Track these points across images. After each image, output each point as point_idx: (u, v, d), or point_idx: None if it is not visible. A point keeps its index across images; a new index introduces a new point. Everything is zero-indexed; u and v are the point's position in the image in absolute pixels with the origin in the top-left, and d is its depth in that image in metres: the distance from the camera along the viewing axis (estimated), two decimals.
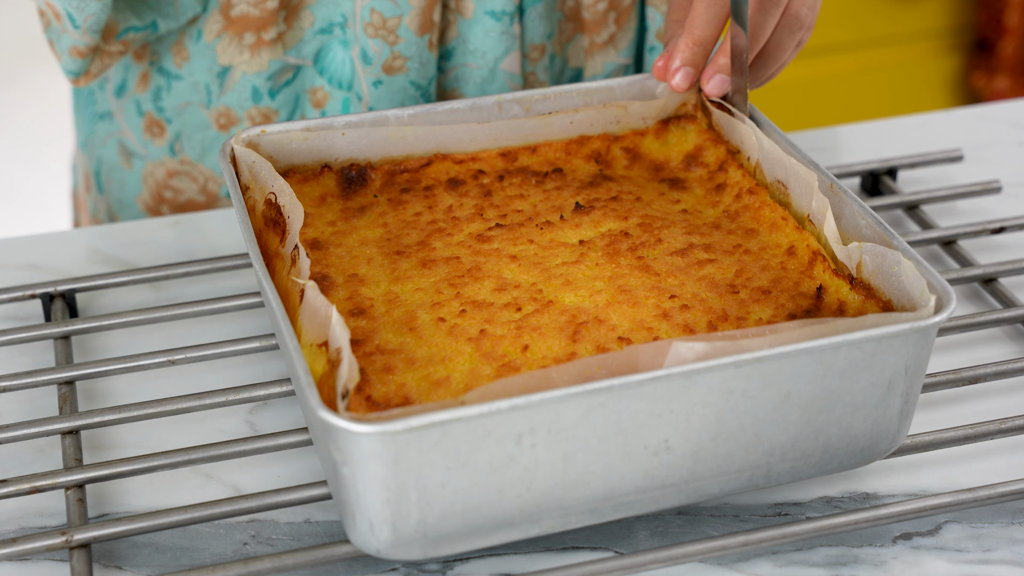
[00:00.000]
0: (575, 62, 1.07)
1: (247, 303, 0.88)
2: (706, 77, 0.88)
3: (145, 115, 1.06)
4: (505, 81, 1.02)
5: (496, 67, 1.01)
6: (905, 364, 0.70)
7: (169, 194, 1.08)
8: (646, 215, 0.83)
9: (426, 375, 0.71)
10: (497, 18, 1.00)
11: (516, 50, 1.02)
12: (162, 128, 1.06)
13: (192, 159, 1.06)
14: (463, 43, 1.01)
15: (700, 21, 0.86)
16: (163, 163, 1.07)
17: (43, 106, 3.05)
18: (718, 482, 0.71)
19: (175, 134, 1.06)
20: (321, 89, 1.03)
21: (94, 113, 1.11)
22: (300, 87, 1.03)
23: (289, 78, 1.02)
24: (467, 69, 1.02)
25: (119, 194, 1.11)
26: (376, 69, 0.99)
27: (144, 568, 0.72)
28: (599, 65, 1.06)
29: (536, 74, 1.04)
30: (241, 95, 1.03)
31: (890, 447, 0.74)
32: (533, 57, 1.03)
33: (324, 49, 1.02)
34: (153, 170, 1.08)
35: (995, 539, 0.73)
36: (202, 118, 1.04)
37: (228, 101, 1.03)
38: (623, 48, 1.06)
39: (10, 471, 0.78)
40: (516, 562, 0.72)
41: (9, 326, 0.89)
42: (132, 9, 0.96)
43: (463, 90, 1.03)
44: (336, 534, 0.74)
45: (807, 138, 1.08)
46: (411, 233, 0.83)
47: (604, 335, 0.73)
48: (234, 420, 0.82)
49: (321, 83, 1.03)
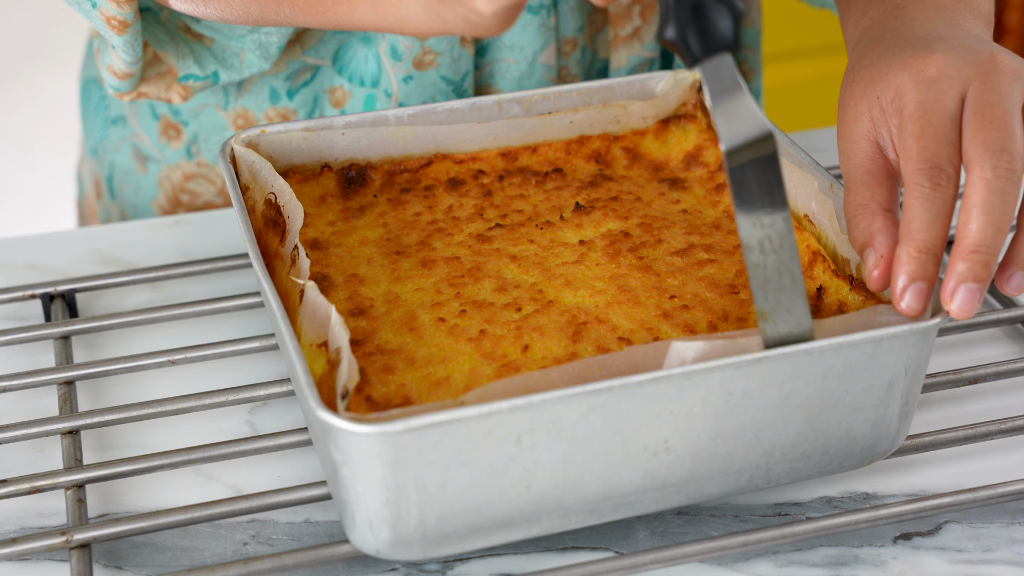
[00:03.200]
0: (603, 53, 1.06)
1: (247, 303, 0.88)
2: (1004, 278, 0.72)
3: (160, 118, 1.06)
4: (543, 74, 1.01)
5: (535, 61, 1.01)
6: (905, 365, 0.70)
7: (186, 197, 1.08)
8: (646, 215, 0.83)
9: (426, 375, 0.71)
10: (534, 12, 0.99)
11: (552, 43, 1.01)
12: (178, 131, 1.06)
13: (209, 161, 1.06)
14: (499, 38, 1.00)
15: (920, 223, 0.68)
16: (179, 166, 1.07)
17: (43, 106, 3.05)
18: (718, 483, 0.71)
19: (192, 136, 1.05)
20: (340, 88, 1.02)
21: (106, 118, 1.10)
22: (319, 87, 1.03)
23: (307, 78, 1.02)
24: (504, 64, 1.01)
25: (133, 199, 1.11)
26: (407, 65, 0.99)
27: (144, 568, 0.72)
28: (623, 58, 1.05)
29: (568, 67, 1.03)
30: (259, 96, 1.02)
31: (890, 448, 0.74)
32: (565, 51, 1.03)
33: (343, 48, 1.01)
34: (169, 173, 1.08)
35: (995, 539, 0.73)
36: (219, 120, 1.04)
37: (245, 103, 1.03)
38: (648, 42, 1.05)
39: (10, 471, 0.78)
40: (516, 562, 0.72)
41: (9, 326, 0.89)
42: (195, 56, 0.95)
43: (500, 85, 1.02)
44: (336, 534, 0.74)
45: (807, 138, 1.08)
46: (411, 233, 0.83)
47: (604, 335, 0.73)
48: (234, 420, 0.82)
49: (340, 82, 1.02)
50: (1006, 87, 0.69)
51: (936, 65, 0.71)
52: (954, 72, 0.70)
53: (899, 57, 0.73)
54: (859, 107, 0.73)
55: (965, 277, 0.67)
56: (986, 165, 0.67)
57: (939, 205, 0.67)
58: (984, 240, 0.67)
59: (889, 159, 0.72)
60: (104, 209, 1.14)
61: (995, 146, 0.67)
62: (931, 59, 0.71)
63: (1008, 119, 0.68)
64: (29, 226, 2.57)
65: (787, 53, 2.25)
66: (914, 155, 0.68)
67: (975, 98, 0.69)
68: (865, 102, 0.73)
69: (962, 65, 0.70)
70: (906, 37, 0.75)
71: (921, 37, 0.75)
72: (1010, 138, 0.67)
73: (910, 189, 0.68)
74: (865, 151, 0.73)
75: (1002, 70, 0.70)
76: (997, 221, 0.66)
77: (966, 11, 0.78)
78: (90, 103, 1.13)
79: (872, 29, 0.79)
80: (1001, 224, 0.67)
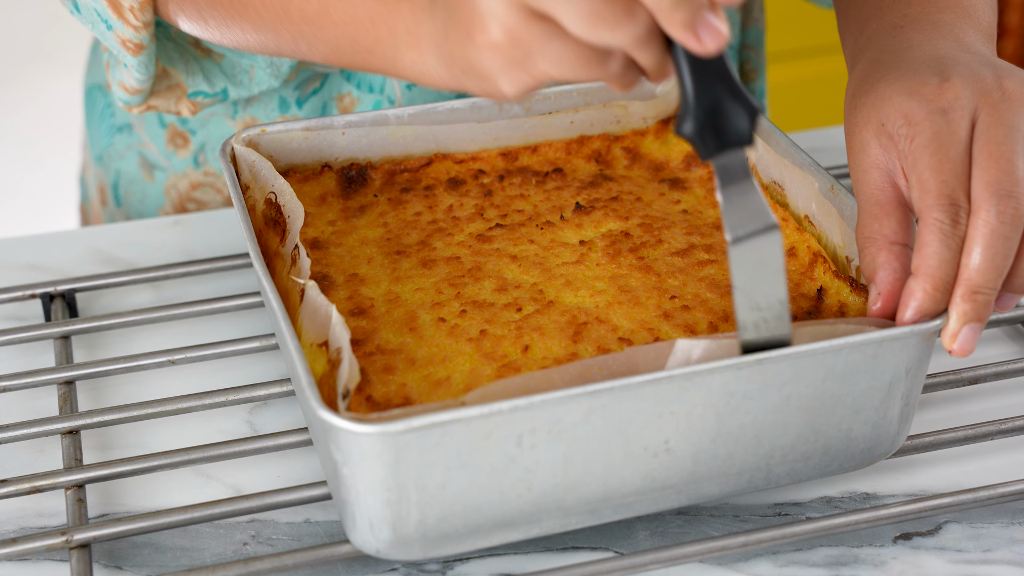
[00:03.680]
0: None
1: (247, 303, 0.88)
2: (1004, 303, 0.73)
3: (168, 127, 1.06)
4: None
5: None
6: (906, 367, 0.70)
7: (192, 206, 1.07)
8: (647, 215, 0.83)
9: (427, 375, 0.71)
10: None
11: None
12: (186, 139, 1.05)
13: (216, 170, 1.06)
14: None
15: (938, 260, 0.68)
16: (186, 175, 1.07)
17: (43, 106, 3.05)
18: (718, 484, 0.71)
19: (199, 145, 1.05)
20: (349, 95, 1.02)
21: (111, 125, 1.10)
22: (327, 95, 1.02)
23: (317, 87, 1.01)
24: None
25: (139, 207, 1.10)
26: None
27: (144, 568, 0.72)
28: None
29: None
30: (268, 106, 1.02)
31: (890, 449, 0.74)
32: None
33: None
34: (176, 182, 1.07)
35: (995, 539, 0.73)
36: (228, 129, 1.04)
37: (254, 112, 1.02)
38: None
39: (10, 471, 0.78)
40: (516, 562, 0.72)
41: (9, 326, 0.89)
42: (204, 73, 0.95)
43: None
44: (336, 534, 0.74)
45: (807, 138, 1.08)
46: (411, 233, 0.83)
47: (605, 335, 0.73)
48: (234, 420, 0.82)
49: (349, 89, 1.01)
50: (1013, 118, 0.70)
51: (946, 94, 0.71)
52: (964, 102, 0.71)
53: (903, 82, 0.73)
54: (865, 135, 0.73)
55: (969, 318, 0.69)
56: (992, 209, 0.68)
57: (956, 243, 0.68)
58: (986, 282, 0.68)
59: (899, 186, 0.72)
60: (109, 217, 1.14)
61: (1002, 190, 0.68)
62: (940, 87, 0.72)
63: (1014, 158, 0.69)
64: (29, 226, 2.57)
65: (790, 53, 2.25)
66: (932, 189, 0.69)
67: (983, 131, 0.70)
68: (871, 129, 0.73)
69: (971, 94, 0.71)
70: (907, 60, 0.75)
71: (923, 61, 0.74)
72: (1016, 181, 0.68)
73: (928, 224, 0.69)
74: (874, 180, 0.73)
75: (1009, 99, 0.71)
76: (1000, 264, 0.68)
77: (965, 25, 0.78)
78: (95, 110, 1.12)
79: (869, 50, 0.79)
80: (1002, 267, 0.68)
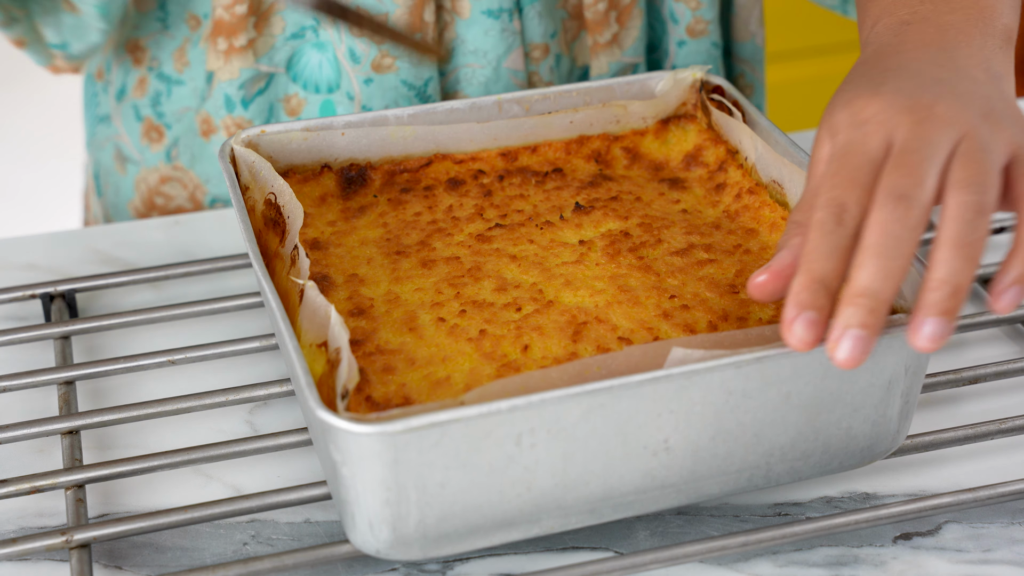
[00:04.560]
0: (582, 60, 1.06)
1: (247, 303, 0.88)
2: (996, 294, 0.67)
3: (144, 120, 1.06)
4: (510, 79, 1.01)
5: (499, 66, 1.01)
6: (905, 365, 0.70)
7: (160, 200, 1.07)
8: (646, 215, 0.83)
9: (426, 375, 0.71)
10: (495, 16, 0.99)
11: (519, 47, 1.01)
12: (161, 133, 1.05)
13: (184, 165, 1.06)
14: (462, 43, 1.01)
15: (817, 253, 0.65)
16: (157, 169, 1.07)
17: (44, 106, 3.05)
18: (717, 482, 0.71)
19: (173, 140, 1.05)
20: (295, 96, 1.01)
21: (95, 115, 1.10)
22: (274, 96, 1.02)
23: (262, 87, 1.01)
24: (469, 70, 1.01)
25: (114, 199, 1.11)
26: (365, 67, 0.99)
27: (144, 568, 0.72)
28: (604, 65, 1.05)
29: (539, 73, 1.03)
30: (216, 103, 1.02)
31: (890, 448, 0.74)
32: (535, 56, 1.03)
33: (297, 54, 1.01)
34: (146, 176, 1.07)
35: (995, 539, 0.73)
36: (194, 124, 1.04)
37: (209, 108, 1.03)
38: (628, 47, 1.05)
39: (10, 471, 0.78)
40: (516, 562, 0.72)
41: (9, 326, 0.90)
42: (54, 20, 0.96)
43: (466, 91, 1.02)
44: (336, 534, 0.74)
45: (808, 138, 1.08)
46: (411, 233, 0.83)
47: (605, 335, 0.73)
48: (234, 420, 0.82)
49: (295, 89, 1.01)
50: (933, 134, 0.66)
51: (872, 108, 0.69)
52: (884, 117, 0.68)
53: (852, 91, 0.71)
54: (821, 131, 0.72)
55: (850, 323, 0.63)
56: (884, 209, 0.64)
57: (838, 240, 0.65)
58: (872, 284, 0.63)
59: None
60: (95, 206, 1.14)
61: (896, 191, 0.65)
62: (871, 100, 0.69)
63: (922, 164, 0.65)
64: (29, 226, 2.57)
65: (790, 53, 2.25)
66: (823, 193, 0.67)
67: (898, 144, 0.67)
68: (825, 127, 0.71)
69: (896, 111, 0.68)
70: (878, 66, 0.73)
71: (887, 70, 0.72)
72: (916, 184, 0.65)
73: (813, 226, 0.65)
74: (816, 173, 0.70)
75: (935, 119, 0.67)
76: (888, 266, 0.63)
77: (975, 29, 0.75)
78: (87, 98, 1.13)
79: (870, 45, 0.78)
80: (892, 270, 0.63)
